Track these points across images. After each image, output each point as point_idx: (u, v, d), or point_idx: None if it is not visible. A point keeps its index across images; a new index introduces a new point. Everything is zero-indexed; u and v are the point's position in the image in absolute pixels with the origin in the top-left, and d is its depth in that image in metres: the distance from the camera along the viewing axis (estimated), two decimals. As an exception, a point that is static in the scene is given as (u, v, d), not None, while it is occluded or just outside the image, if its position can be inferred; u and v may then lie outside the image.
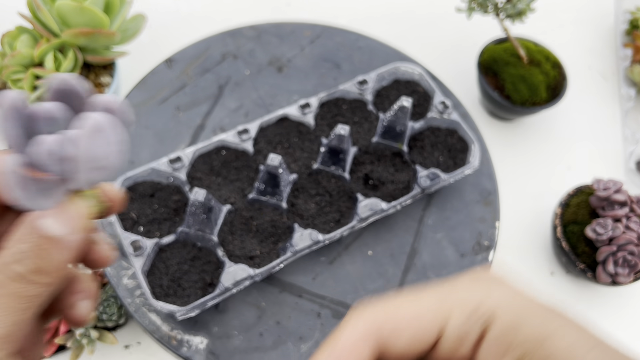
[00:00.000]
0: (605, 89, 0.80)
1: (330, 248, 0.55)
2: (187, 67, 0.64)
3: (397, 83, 0.63)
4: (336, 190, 0.56)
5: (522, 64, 0.67)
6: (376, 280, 0.54)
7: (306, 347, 0.50)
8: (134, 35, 0.65)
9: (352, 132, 0.59)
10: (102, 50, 0.63)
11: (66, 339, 0.51)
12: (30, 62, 0.59)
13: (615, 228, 0.56)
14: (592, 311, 0.63)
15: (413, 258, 0.55)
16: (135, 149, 0.58)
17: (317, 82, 0.65)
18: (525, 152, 0.73)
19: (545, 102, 0.67)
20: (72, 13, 0.57)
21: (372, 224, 0.57)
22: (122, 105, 0.21)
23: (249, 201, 0.54)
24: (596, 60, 0.82)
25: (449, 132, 0.60)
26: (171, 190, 0.54)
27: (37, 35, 0.60)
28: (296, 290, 0.53)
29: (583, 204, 0.61)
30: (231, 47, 0.66)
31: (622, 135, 0.75)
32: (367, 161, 0.58)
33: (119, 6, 0.62)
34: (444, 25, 0.82)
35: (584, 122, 0.76)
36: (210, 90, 0.63)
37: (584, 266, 0.58)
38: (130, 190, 0.53)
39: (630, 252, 0.55)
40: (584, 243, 0.59)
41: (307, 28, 0.69)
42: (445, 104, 0.60)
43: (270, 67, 0.65)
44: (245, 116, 0.62)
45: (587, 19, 0.86)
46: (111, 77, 0.65)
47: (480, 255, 0.56)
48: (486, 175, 0.61)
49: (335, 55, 0.67)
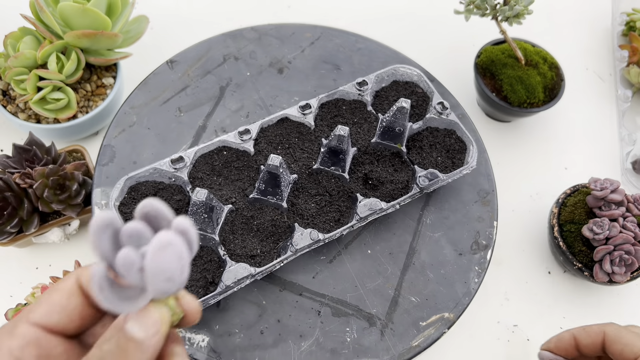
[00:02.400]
0: (602, 89, 0.81)
1: (330, 247, 0.56)
2: (188, 69, 0.65)
3: (396, 84, 0.64)
4: (336, 190, 0.56)
5: (519, 66, 0.68)
6: (375, 278, 0.54)
7: (306, 345, 0.51)
8: (136, 37, 0.65)
9: (352, 133, 0.60)
10: (105, 52, 0.64)
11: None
12: (33, 63, 0.59)
13: (612, 227, 0.56)
14: (589, 310, 0.64)
15: (412, 257, 0.56)
16: (137, 149, 0.59)
17: (317, 84, 0.66)
18: (522, 152, 0.74)
19: (542, 103, 0.68)
20: (74, 15, 0.58)
21: (372, 224, 0.57)
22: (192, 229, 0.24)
23: (249, 201, 0.55)
24: (593, 62, 0.83)
25: (447, 133, 0.61)
26: (173, 190, 0.55)
27: (40, 37, 0.61)
28: (296, 289, 0.53)
29: (580, 204, 0.61)
30: (232, 48, 0.67)
31: (618, 136, 0.76)
32: (366, 161, 0.59)
33: (122, 8, 0.62)
34: (442, 27, 0.83)
35: (580, 122, 0.77)
36: (211, 91, 0.64)
37: (581, 265, 0.59)
38: (132, 190, 0.54)
39: (626, 251, 0.56)
40: (581, 242, 0.59)
41: (307, 30, 0.70)
42: (443, 105, 0.60)
43: (271, 69, 0.66)
44: (246, 117, 0.62)
45: (584, 21, 0.87)
46: (114, 78, 0.65)
47: (478, 254, 0.57)
48: (484, 175, 0.61)
49: (335, 56, 0.68)
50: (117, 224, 0.23)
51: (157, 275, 0.22)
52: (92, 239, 0.22)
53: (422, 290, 0.54)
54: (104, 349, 0.24)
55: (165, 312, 0.24)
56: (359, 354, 0.51)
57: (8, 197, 0.54)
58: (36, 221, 0.55)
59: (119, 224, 0.23)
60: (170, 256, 0.22)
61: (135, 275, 0.22)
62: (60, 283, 0.27)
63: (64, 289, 0.27)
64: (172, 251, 0.22)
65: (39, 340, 0.26)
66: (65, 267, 0.60)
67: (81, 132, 0.64)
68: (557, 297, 0.64)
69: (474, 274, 0.55)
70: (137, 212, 0.24)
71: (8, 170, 0.55)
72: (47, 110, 0.60)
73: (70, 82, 0.61)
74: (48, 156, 0.57)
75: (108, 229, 0.23)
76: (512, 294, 0.64)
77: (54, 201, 0.55)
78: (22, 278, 0.60)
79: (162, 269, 0.22)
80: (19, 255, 0.61)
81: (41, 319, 0.26)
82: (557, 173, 0.73)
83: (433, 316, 0.53)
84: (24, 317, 0.26)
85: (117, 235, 0.23)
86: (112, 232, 0.23)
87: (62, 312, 0.26)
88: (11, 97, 0.63)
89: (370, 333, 0.52)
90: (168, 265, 0.22)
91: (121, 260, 0.22)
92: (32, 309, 0.26)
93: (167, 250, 0.22)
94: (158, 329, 0.24)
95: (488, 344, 0.61)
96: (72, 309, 0.26)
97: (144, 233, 0.23)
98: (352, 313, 0.53)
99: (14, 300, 0.59)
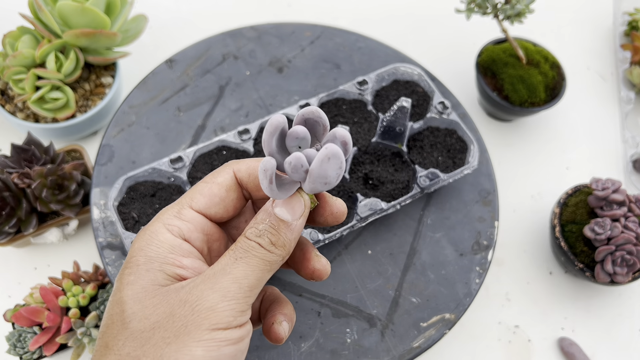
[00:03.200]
0: (604, 89, 0.80)
1: (330, 247, 0.55)
2: (187, 68, 0.64)
3: (396, 83, 0.64)
4: (336, 190, 0.56)
5: (520, 65, 0.67)
6: (376, 279, 0.54)
7: (306, 345, 0.50)
8: (135, 36, 0.65)
9: (352, 132, 0.59)
10: (104, 51, 0.64)
11: (68, 338, 0.51)
12: (31, 62, 0.59)
13: (614, 228, 0.56)
14: (591, 311, 0.64)
15: (412, 257, 0.56)
16: (136, 149, 0.59)
17: (317, 83, 0.65)
18: (524, 152, 0.73)
19: (543, 103, 0.68)
20: (73, 14, 0.57)
21: (372, 224, 0.57)
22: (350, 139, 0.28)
23: (249, 201, 0.54)
24: (595, 61, 0.83)
25: (448, 133, 0.60)
26: (172, 190, 0.54)
27: (38, 36, 0.60)
28: (296, 289, 0.53)
29: (581, 204, 0.61)
30: (232, 47, 0.67)
31: (621, 137, 0.76)
32: (366, 161, 0.58)
33: (120, 7, 0.62)
34: (443, 26, 0.83)
35: (582, 122, 0.77)
36: (211, 90, 0.63)
37: (583, 265, 0.59)
38: (131, 190, 0.53)
39: (628, 251, 0.56)
40: (583, 242, 0.59)
41: (307, 29, 0.69)
42: (444, 104, 0.60)
43: (271, 68, 0.66)
44: (245, 116, 0.62)
45: (586, 20, 0.87)
46: (112, 77, 0.65)
47: (479, 254, 0.56)
48: (485, 175, 0.61)
49: (335, 55, 0.68)
50: (285, 127, 0.27)
51: (319, 178, 0.26)
52: (265, 138, 0.27)
53: (422, 290, 0.54)
54: (259, 228, 0.28)
55: (307, 199, 0.29)
56: (359, 355, 0.50)
57: (6, 197, 0.53)
58: (34, 221, 0.55)
59: (286, 128, 0.27)
60: (333, 165, 0.26)
61: (299, 175, 0.26)
62: (218, 176, 0.31)
63: (223, 183, 0.31)
64: (334, 161, 0.26)
65: (203, 226, 0.30)
66: (64, 267, 0.60)
67: (80, 131, 0.64)
68: (559, 298, 0.64)
69: (475, 274, 0.55)
70: (297, 117, 0.28)
71: (6, 170, 0.55)
72: (45, 109, 0.60)
73: (69, 81, 0.61)
74: (46, 156, 0.57)
75: (277, 131, 0.27)
76: (513, 294, 0.64)
77: (53, 201, 0.54)
78: (20, 278, 0.60)
79: (325, 175, 0.26)
80: (17, 255, 0.61)
81: (203, 208, 0.30)
82: (558, 173, 0.72)
83: (434, 317, 0.53)
84: (186, 204, 0.30)
85: (282, 137, 0.27)
86: (280, 133, 0.27)
87: (220, 203, 0.31)
88: (9, 96, 0.63)
89: (370, 334, 0.51)
90: (330, 172, 0.26)
91: (293, 161, 0.26)
92: (194, 198, 0.30)
93: (331, 160, 0.25)
94: (302, 212, 0.29)
95: (489, 345, 0.61)
96: (229, 201, 0.31)
97: (306, 136, 0.27)
98: (352, 314, 0.52)
99: (12, 301, 0.59)
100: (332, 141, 0.27)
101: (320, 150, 0.26)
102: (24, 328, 0.52)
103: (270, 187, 0.26)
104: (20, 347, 0.52)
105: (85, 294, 0.52)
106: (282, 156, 0.28)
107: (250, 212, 0.34)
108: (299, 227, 0.29)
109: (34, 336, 0.52)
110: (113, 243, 0.53)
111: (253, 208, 0.34)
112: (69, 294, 0.52)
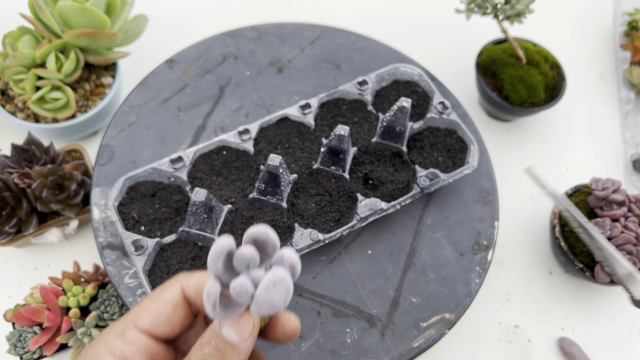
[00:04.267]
0: (604, 89, 0.80)
1: (330, 247, 0.55)
2: (188, 68, 0.64)
3: (396, 84, 0.64)
4: (336, 190, 0.56)
5: (520, 65, 0.67)
6: (376, 279, 0.54)
7: (306, 345, 0.50)
8: (135, 36, 0.65)
9: (352, 133, 0.59)
10: (104, 51, 0.64)
11: (68, 338, 0.51)
12: (32, 62, 0.59)
13: (614, 228, 0.56)
14: (591, 311, 0.64)
15: (412, 257, 0.56)
16: (136, 149, 0.59)
17: (317, 83, 0.65)
18: (524, 152, 0.73)
19: (543, 103, 0.68)
20: (73, 14, 0.57)
21: (372, 224, 0.57)
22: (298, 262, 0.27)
23: (249, 201, 0.54)
24: (595, 61, 0.83)
25: (448, 133, 0.60)
26: (172, 190, 0.54)
27: (38, 36, 0.61)
28: (296, 289, 0.53)
29: (581, 204, 0.61)
30: (232, 47, 0.67)
31: (621, 137, 0.76)
32: (366, 161, 0.58)
33: (121, 7, 0.62)
34: (443, 26, 0.83)
35: (582, 122, 0.77)
36: (211, 90, 0.63)
37: (583, 265, 0.59)
38: (131, 190, 0.53)
39: (628, 251, 0.56)
40: (583, 243, 0.59)
41: (307, 29, 0.69)
42: (444, 104, 0.60)
43: (271, 68, 0.66)
44: (245, 116, 0.62)
45: (586, 20, 0.87)
46: (113, 77, 0.65)
47: (479, 254, 0.56)
48: (485, 175, 0.61)
49: (336, 56, 0.68)
50: (232, 249, 0.26)
51: (264, 304, 0.25)
52: (210, 260, 0.26)
53: (422, 290, 0.54)
54: (204, 352, 0.27)
55: (256, 319, 0.28)
56: (359, 354, 0.50)
57: (7, 197, 0.53)
58: (35, 221, 0.55)
59: (233, 249, 0.26)
60: (279, 290, 0.25)
61: (245, 299, 0.26)
62: (165, 292, 0.30)
63: (170, 300, 0.29)
64: (281, 286, 0.25)
65: (147, 347, 0.29)
66: (64, 267, 0.60)
67: (80, 131, 0.64)
68: (559, 298, 0.64)
69: (475, 274, 0.55)
70: (246, 236, 0.27)
71: (7, 170, 0.55)
72: (45, 109, 0.60)
73: (69, 81, 0.61)
74: (47, 156, 0.57)
75: (222, 255, 0.26)
76: (513, 294, 0.64)
77: (53, 201, 0.54)
78: (20, 278, 0.60)
79: (270, 301, 0.25)
80: (17, 255, 0.61)
81: (148, 327, 0.29)
82: (558, 173, 0.72)
83: (434, 317, 0.53)
84: (131, 323, 0.29)
85: (230, 258, 0.26)
86: (226, 255, 0.26)
87: (166, 321, 0.29)
88: (10, 96, 0.63)
89: (370, 334, 0.51)
90: (276, 298, 0.25)
91: (237, 288, 0.25)
92: (139, 316, 0.29)
93: (277, 286, 0.25)
94: (250, 334, 0.27)
95: (489, 345, 0.61)
96: (176, 319, 0.30)
97: (254, 257, 0.26)
98: (352, 314, 0.52)
99: (12, 301, 0.59)
100: (280, 263, 0.27)
101: (266, 275, 0.25)
102: (25, 328, 0.52)
103: (214, 312, 0.26)
104: (20, 347, 0.52)
105: (85, 294, 0.52)
106: (230, 276, 0.27)
107: (201, 325, 0.33)
108: (247, 348, 0.28)
109: (34, 336, 0.52)
110: (113, 243, 0.53)
111: (204, 320, 0.33)
112: (69, 294, 0.52)
